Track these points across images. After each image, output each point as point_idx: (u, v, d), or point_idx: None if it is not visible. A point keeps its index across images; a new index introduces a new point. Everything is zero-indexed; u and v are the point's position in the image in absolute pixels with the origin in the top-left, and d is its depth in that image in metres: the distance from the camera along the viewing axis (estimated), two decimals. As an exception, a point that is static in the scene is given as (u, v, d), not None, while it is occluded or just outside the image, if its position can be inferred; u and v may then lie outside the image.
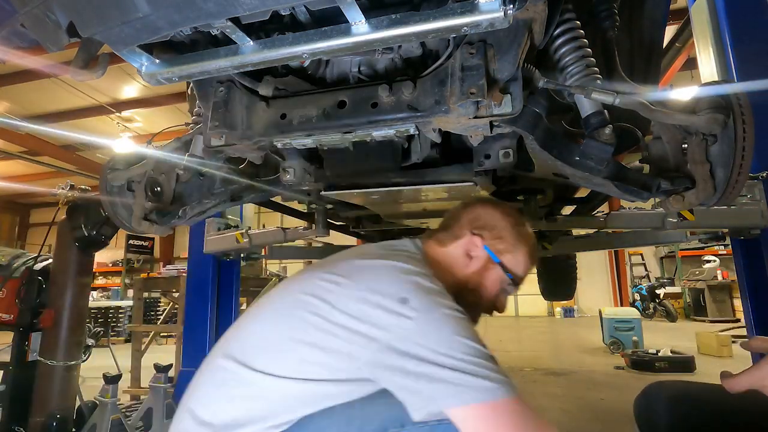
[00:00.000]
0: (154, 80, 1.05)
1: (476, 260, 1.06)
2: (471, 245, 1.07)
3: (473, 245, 1.07)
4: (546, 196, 1.95)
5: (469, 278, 1.06)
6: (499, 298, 1.10)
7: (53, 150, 10.46)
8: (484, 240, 1.07)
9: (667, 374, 4.17)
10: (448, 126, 1.14)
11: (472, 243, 1.07)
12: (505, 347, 6.43)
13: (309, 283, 0.92)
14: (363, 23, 0.88)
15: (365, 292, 0.85)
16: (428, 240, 1.11)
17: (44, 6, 0.88)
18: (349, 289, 0.87)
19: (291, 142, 1.23)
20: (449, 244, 1.09)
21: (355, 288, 0.87)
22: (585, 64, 1.13)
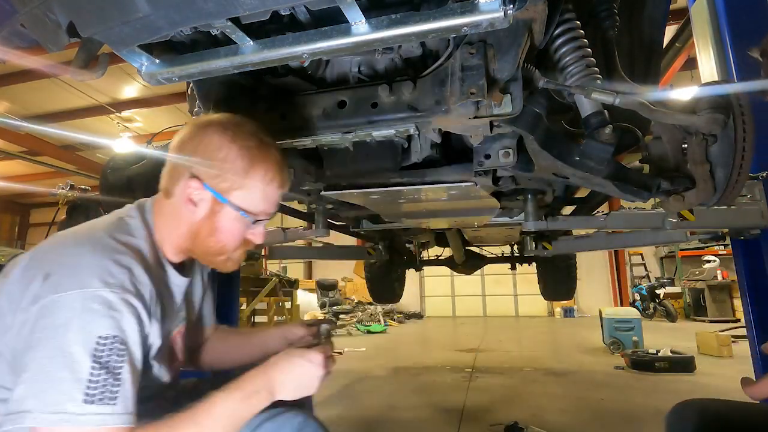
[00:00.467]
0: (154, 80, 1.05)
1: (202, 204, 0.90)
2: (189, 191, 0.89)
3: (192, 189, 0.89)
4: (546, 196, 1.95)
5: (200, 226, 0.91)
6: (249, 237, 0.96)
7: (53, 150, 10.45)
8: (204, 179, 0.89)
9: (667, 374, 4.17)
10: (448, 126, 1.14)
11: (190, 186, 0.89)
12: (505, 347, 6.43)
13: None
14: (363, 23, 0.88)
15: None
16: (157, 198, 0.96)
17: (44, 6, 0.88)
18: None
19: (291, 142, 1.23)
20: (172, 191, 0.92)
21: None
22: (585, 64, 1.13)
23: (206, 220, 0.91)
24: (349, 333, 9.05)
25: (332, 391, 3.71)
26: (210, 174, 0.89)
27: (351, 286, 13.48)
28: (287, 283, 5.50)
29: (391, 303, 5.43)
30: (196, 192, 0.90)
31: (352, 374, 4.50)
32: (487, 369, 4.62)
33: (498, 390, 3.64)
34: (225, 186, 0.90)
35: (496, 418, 2.80)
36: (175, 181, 0.92)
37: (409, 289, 6.39)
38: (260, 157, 0.91)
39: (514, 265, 4.82)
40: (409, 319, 12.74)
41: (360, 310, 11.36)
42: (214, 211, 0.91)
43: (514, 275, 12.90)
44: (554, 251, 3.09)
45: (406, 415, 2.99)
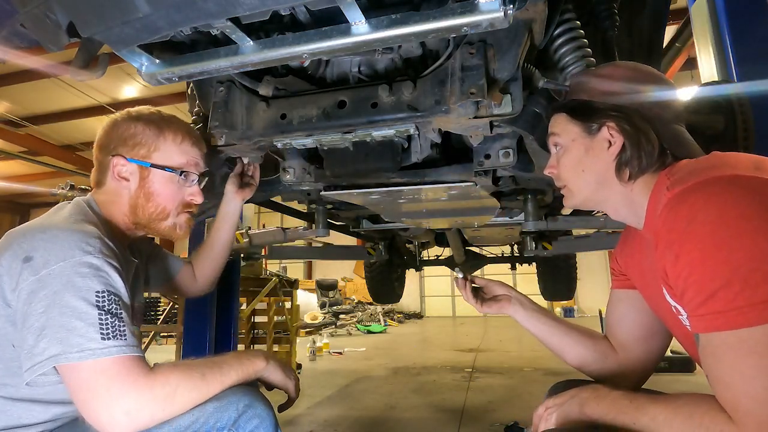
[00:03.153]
0: (154, 80, 1.05)
1: (132, 177, 1.01)
2: (117, 168, 1.01)
3: (119, 166, 1.01)
4: (546, 196, 1.95)
5: (137, 196, 1.01)
6: (188, 198, 1.08)
7: (53, 150, 10.46)
8: (125, 155, 1.01)
9: (667, 374, 4.17)
10: (448, 126, 1.14)
11: (116, 165, 1.01)
12: (506, 347, 6.43)
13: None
14: (363, 23, 0.88)
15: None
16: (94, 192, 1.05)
17: (44, 6, 0.88)
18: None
19: (291, 142, 1.23)
20: (102, 179, 1.03)
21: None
22: (585, 64, 1.13)
23: (140, 189, 1.02)
24: (349, 333, 9.05)
25: (332, 391, 3.71)
26: (128, 149, 1.02)
27: (351, 286, 13.49)
28: (287, 283, 5.50)
29: (391, 303, 5.44)
30: (123, 168, 1.01)
31: (352, 374, 4.51)
32: (487, 369, 4.62)
33: (498, 390, 3.64)
34: (143, 152, 1.02)
35: (496, 418, 2.80)
36: (104, 170, 1.03)
37: (409, 289, 6.40)
38: (165, 123, 1.05)
39: (514, 265, 4.82)
40: (409, 319, 12.74)
41: (360, 310, 11.37)
42: (143, 177, 1.02)
43: (514, 275, 12.88)
44: (554, 251, 3.10)
45: (406, 415, 2.99)
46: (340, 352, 6.19)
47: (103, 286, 0.80)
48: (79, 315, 0.76)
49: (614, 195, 0.88)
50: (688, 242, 0.66)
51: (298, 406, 3.28)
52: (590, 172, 0.89)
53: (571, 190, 0.95)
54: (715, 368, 0.64)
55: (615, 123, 0.85)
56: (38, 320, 0.76)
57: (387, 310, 11.69)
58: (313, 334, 7.91)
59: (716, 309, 0.62)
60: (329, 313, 10.65)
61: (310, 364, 5.30)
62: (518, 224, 2.40)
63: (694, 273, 0.65)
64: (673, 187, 0.74)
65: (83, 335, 0.75)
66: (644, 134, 0.83)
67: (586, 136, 0.89)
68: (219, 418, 0.81)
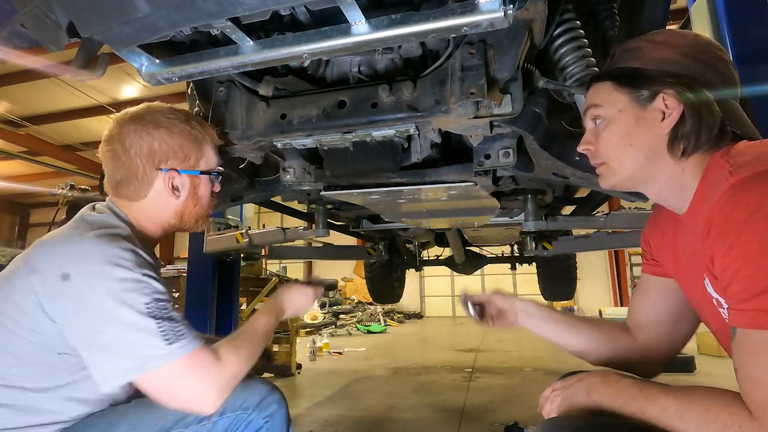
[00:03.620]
0: (154, 80, 1.05)
1: (183, 188, 1.04)
2: (170, 181, 1.01)
3: (172, 180, 1.01)
4: (546, 196, 1.95)
5: (186, 204, 1.05)
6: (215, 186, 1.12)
7: (53, 150, 10.46)
8: (176, 167, 1.02)
9: (667, 374, 4.18)
10: (448, 126, 1.14)
11: (170, 179, 1.01)
12: (506, 347, 6.43)
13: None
14: (363, 23, 0.88)
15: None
16: (117, 200, 1.02)
17: (44, 6, 0.88)
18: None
19: (291, 142, 1.23)
20: (144, 192, 1.00)
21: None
22: (585, 64, 1.13)
23: (191, 197, 1.05)
24: (349, 333, 9.05)
25: (332, 391, 3.71)
26: (178, 161, 1.02)
27: (351, 286, 13.49)
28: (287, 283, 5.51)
29: (391, 303, 5.44)
30: (175, 181, 1.02)
31: (353, 374, 4.51)
32: (487, 369, 4.62)
33: (498, 390, 3.63)
34: (192, 162, 1.04)
35: (496, 418, 2.80)
36: (147, 183, 1.00)
37: (409, 289, 6.40)
38: (199, 127, 1.06)
39: (514, 265, 4.82)
40: (409, 319, 12.74)
41: (360, 310, 11.37)
42: (194, 185, 1.05)
43: (514, 275, 12.91)
44: (554, 251, 3.09)
45: (406, 415, 2.99)
46: (340, 352, 6.19)
47: (149, 296, 0.85)
48: (140, 329, 0.82)
49: (662, 173, 0.80)
50: (746, 233, 0.62)
51: (297, 406, 3.28)
52: (639, 146, 0.80)
53: (613, 168, 0.85)
54: (747, 365, 0.63)
55: (674, 90, 0.76)
56: (99, 337, 0.81)
57: (387, 310, 11.69)
58: (313, 334, 7.91)
59: (763, 307, 0.60)
60: (329, 313, 10.65)
61: (310, 364, 5.30)
62: (518, 224, 2.40)
63: (747, 266, 0.62)
64: (736, 172, 0.67)
65: (151, 346, 0.82)
66: (706, 105, 0.75)
67: (636, 105, 0.79)
68: (246, 399, 0.92)
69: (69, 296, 0.81)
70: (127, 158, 0.98)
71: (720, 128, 0.75)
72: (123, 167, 0.98)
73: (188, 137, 1.03)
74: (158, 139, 0.99)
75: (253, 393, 0.94)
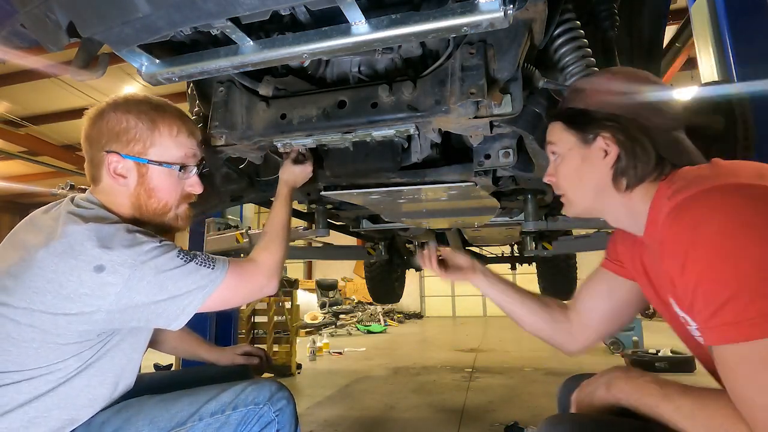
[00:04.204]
0: (154, 80, 1.05)
1: (129, 174, 0.98)
2: (113, 165, 0.97)
3: (113, 164, 0.97)
4: (546, 196, 1.95)
5: (138, 193, 0.99)
6: (187, 189, 1.07)
7: (53, 150, 10.45)
8: (120, 151, 0.97)
9: (667, 374, 4.17)
10: (448, 126, 1.14)
11: (111, 162, 0.97)
12: (506, 347, 6.43)
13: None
14: (363, 23, 0.88)
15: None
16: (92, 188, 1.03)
17: (44, 6, 0.88)
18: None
19: (291, 142, 1.23)
20: (97, 175, 1.00)
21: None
22: (585, 64, 1.13)
23: (140, 186, 1.00)
24: (349, 333, 9.05)
25: (332, 391, 3.71)
26: (122, 145, 0.98)
27: (351, 286, 13.49)
28: (287, 283, 5.50)
29: (391, 303, 5.44)
30: (119, 165, 0.98)
31: (352, 374, 4.51)
32: (487, 369, 4.62)
33: (498, 390, 3.64)
34: (139, 148, 0.99)
35: (496, 418, 2.80)
36: (98, 166, 1.00)
37: (409, 289, 6.40)
38: (158, 115, 1.01)
39: (514, 265, 4.82)
40: (409, 319, 12.74)
41: (360, 310, 11.37)
42: (142, 173, 1.00)
43: (515, 275, 12.90)
44: (554, 251, 3.10)
45: (406, 415, 2.99)
46: (340, 352, 6.19)
47: (175, 249, 0.92)
48: (185, 273, 0.90)
49: (613, 204, 0.87)
50: (693, 252, 0.65)
51: (298, 405, 3.28)
52: (588, 181, 0.88)
53: (570, 200, 0.95)
54: (730, 381, 0.64)
55: (610, 133, 0.83)
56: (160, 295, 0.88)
57: (387, 310, 11.68)
58: (313, 334, 7.91)
59: (727, 320, 0.61)
60: (329, 313, 10.65)
61: (310, 364, 5.30)
62: (518, 224, 2.40)
63: (702, 284, 0.64)
64: (674, 196, 0.72)
65: (203, 276, 0.92)
66: (639, 144, 0.81)
67: (582, 145, 0.88)
68: (257, 395, 0.95)
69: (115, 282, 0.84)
70: (84, 139, 1.01)
71: (658, 161, 0.81)
72: (86, 150, 1.01)
73: (138, 120, 0.98)
74: (108, 121, 0.98)
75: (263, 389, 0.97)
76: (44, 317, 0.83)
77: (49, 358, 0.85)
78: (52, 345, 0.85)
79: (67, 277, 0.82)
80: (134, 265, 0.85)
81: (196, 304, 0.92)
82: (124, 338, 0.97)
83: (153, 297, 0.87)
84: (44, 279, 0.82)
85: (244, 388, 0.95)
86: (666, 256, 0.71)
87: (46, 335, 0.84)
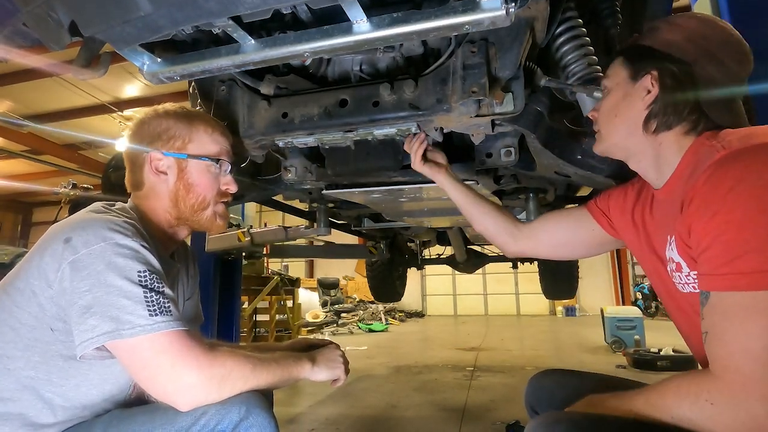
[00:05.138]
0: (155, 79, 1.05)
1: (170, 171, 1.02)
2: (154, 163, 1.01)
3: (155, 161, 1.01)
4: (547, 195, 1.95)
5: (177, 189, 1.02)
6: (222, 183, 1.07)
7: (55, 149, 10.48)
8: (161, 149, 1.01)
9: (670, 373, 4.16)
10: (450, 124, 1.14)
11: (153, 160, 1.01)
12: (507, 346, 6.43)
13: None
14: (365, 22, 0.88)
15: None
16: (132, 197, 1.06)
17: (46, 5, 0.88)
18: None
19: (292, 141, 1.23)
20: (140, 178, 1.03)
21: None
22: (587, 62, 1.13)
23: (180, 181, 1.02)
24: (351, 331, 9.06)
25: (334, 390, 3.72)
26: (162, 143, 1.02)
27: (352, 284, 13.49)
28: (289, 282, 5.51)
29: (392, 301, 5.44)
30: (160, 162, 1.01)
31: (354, 373, 4.51)
32: (488, 368, 4.62)
33: (499, 389, 3.64)
34: (179, 144, 1.02)
35: (497, 417, 2.80)
36: (139, 170, 1.03)
37: (411, 287, 6.40)
38: (194, 116, 1.07)
39: (516, 263, 4.82)
40: (410, 318, 12.75)
41: (361, 309, 11.37)
42: (182, 168, 1.02)
43: (516, 274, 12.90)
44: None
45: (407, 414, 2.99)
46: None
47: (144, 265, 0.83)
48: (125, 294, 0.79)
49: (641, 147, 0.87)
50: (731, 202, 0.66)
51: (299, 405, 3.29)
52: (622, 118, 0.89)
53: (602, 135, 0.95)
54: (718, 326, 0.66)
55: (658, 72, 0.83)
56: (83, 298, 0.79)
57: (388, 308, 11.69)
58: (314, 333, 7.92)
59: (741, 269, 0.63)
60: (331, 312, 10.66)
61: (312, 363, 5.30)
62: (520, 223, 2.40)
63: (729, 231, 0.65)
64: (727, 145, 0.72)
65: (132, 313, 0.79)
66: (681, 90, 0.80)
67: (629, 81, 0.88)
68: (220, 420, 0.79)
69: (65, 258, 0.81)
70: (128, 150, 1.04)
71: (695, 113, 0.80)
72: (127, 158, 1.05)
73: (177, 121, 1.03)
74: (149, 126, 1.03)
75: (229, 412, 0.80)
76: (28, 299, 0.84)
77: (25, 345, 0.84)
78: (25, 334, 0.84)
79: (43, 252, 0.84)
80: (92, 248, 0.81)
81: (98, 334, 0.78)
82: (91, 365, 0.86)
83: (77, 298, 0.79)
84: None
85: (206, 410, 0.79)
86: (697, 201, 0.71)
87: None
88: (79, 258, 0.80)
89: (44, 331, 0.84)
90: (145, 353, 0.79)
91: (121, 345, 0.79)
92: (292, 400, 3.44)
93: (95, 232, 0.83)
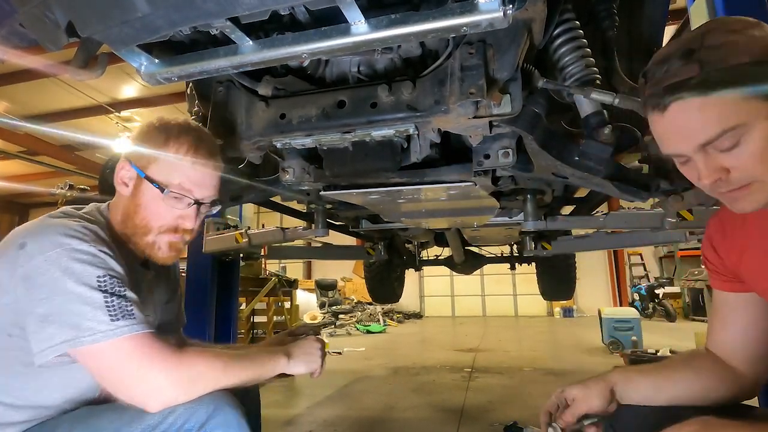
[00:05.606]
0: (153, 80, 1.05)
1: (130, 184, 0.95)
2: (121, 172, 0.96)
3: (122, 169, 0.96)
4: (545, 196, 1.95)
5: (128, 205, 0.95)
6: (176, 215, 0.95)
7: (52, 150, 10.44)
8: (131, 159, 0.95)
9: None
10: (448, 126, 1.14)
11: (121, 167, 0.96)
12: (505, 347, 6.43)
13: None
14: (362, 23, 0.88)
15: None
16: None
17: (43, 5, 0.88)
18: None
19: (290, 142, 1.23)
20: (114, 184, 0.98)
21: None
22: (584, 64, 1.13)
23: (132, 198, 0.95)
24: (349, 333, 9.05)
25: (332, 391, 3.71)
26: (134, 154, 0.96)
27: (350, 285, 13.48)
28: (286, 283, 5.51)
29: (390, 303, 5.44)
30: (127, 173, 0.96)
31: (352, 374, 4.50)
32: (486, 369, 4.62)
33: (497, 390, 3.64)
34: (143, 162, 0.95)
35: (495, 418, 2.80)
36: (116, 174, 0.97)
37: (409, 289, 6.40)
38: (177, 133, 0.96)
39: (514, 265, 4.82)
40: (408, 319, 12.74)
41: (359, 310, 11.36)
42: (137, 186, 0.95)
43: (514, 275, 12.89)
44: (554, 251, 3.09)
45: (405, 415, 2.99)
46: (339, 352, 6.18)
47: (103, 270, 0.80)
48: (84, 300, 0.77)
49: None
50: None
51: (297, 406, 3.28)
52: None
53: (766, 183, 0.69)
54: None
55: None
56: (40, 306, 0.77)
57: (386, 310, 11.68)
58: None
59: None
60: (328, 313, 10.64)
61: (310, 364, 5.29)
62: (517, 224, 2.40)
63: None
64: None
65: (92, 319, 0.76)
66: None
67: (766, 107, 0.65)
68: (188, 419, 0.78)
69: (21, 263, 0.79)
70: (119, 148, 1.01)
71: None
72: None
73: (157, 136, 0.95)
74: (145, 131, 0.98)
75: (196, 411, 0.78)
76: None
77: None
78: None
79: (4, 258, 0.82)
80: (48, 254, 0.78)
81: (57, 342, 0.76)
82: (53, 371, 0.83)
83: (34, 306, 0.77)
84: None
85: (174, 409, 0.78)
86: None
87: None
88: (35, 265, 0.78)
89: (1, 337, 0.82)
90: (109, 359, 0.77)
91: (84, 351, 0.77)
92: (290, 402, 3.43)
93: (50, 238, 0.80)
